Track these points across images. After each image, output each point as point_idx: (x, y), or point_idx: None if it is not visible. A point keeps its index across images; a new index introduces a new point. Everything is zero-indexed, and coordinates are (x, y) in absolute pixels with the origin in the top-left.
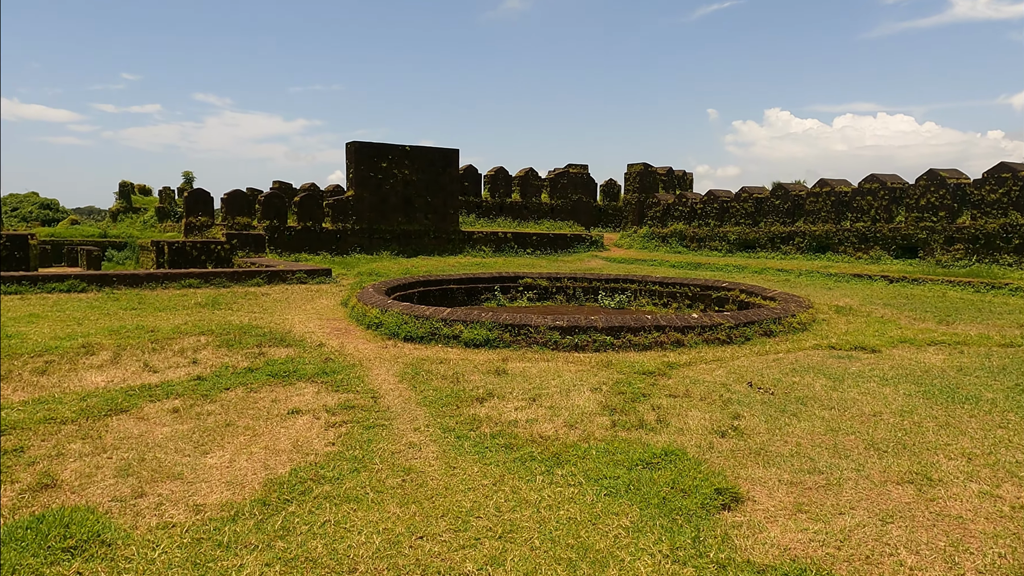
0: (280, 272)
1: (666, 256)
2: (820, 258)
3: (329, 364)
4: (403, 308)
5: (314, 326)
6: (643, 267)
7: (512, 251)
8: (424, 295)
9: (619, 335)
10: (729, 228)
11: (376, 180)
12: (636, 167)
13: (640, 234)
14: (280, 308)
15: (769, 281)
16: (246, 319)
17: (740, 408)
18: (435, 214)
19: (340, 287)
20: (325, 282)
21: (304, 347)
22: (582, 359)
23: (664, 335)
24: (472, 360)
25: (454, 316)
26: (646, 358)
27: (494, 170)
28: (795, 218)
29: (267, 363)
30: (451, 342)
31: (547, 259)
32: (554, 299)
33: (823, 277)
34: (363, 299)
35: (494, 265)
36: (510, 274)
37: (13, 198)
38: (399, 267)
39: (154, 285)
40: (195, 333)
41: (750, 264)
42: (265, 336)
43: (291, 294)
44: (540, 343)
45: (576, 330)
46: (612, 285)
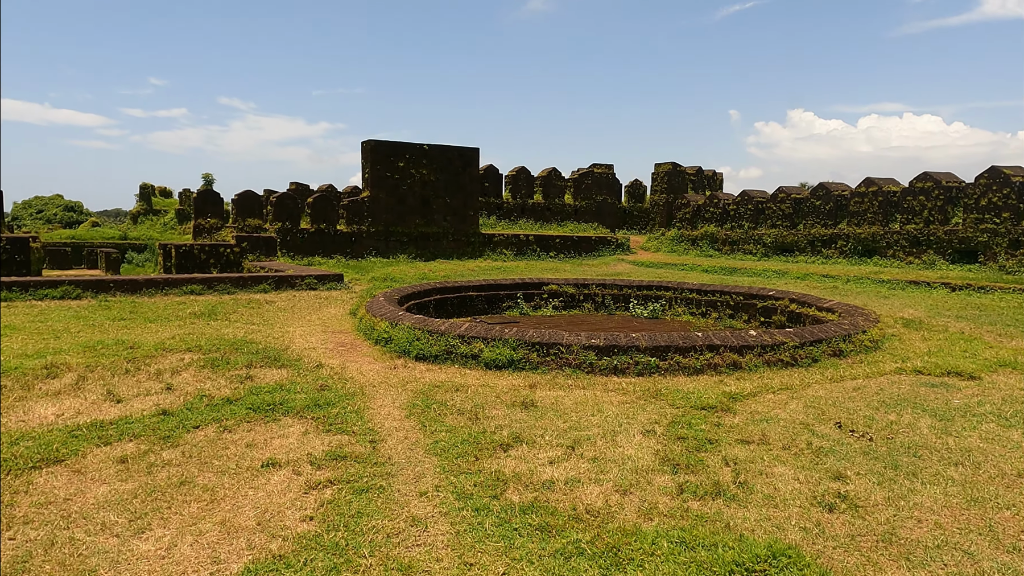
0: (288, 277)
1: (697, 260)
2: (867, 263)
3: (324, 393)
4: (415, 321)
5: (316, 340)
6: (674, 272)
7: (534, 254)
8: (441, 304)
9: (665, 356)
10: (764, 230)
11: (393, 180)
12: (664, 167)
13: (668, 236)
14: (283, 318)
15: (815, 288)
16: (241, 332)
17: (838, 463)
18: (454, 216)
19: (351, 294)
20: (336, 288)
21: (299, 368)
22: (624, 386)
23: (718, 356)
24: (494, 386)
25: (473, 332)
26: (700, 385)
27: (515, 170)
28: (837, 220)
29: (252, 391)
30: (469, 362)
31: (571, 263)
32: (581, 307)
33: (874, 284)
34: (372, 310)
35: (515, 269)
36: (533, 280)
37: (38, 200)
38: (416, 271)
39: (153, 292)
40: (180, 350)
41: (790, 269)
42: (258, 354)
43: (297, 302)
44: (573, 365)
45: (615, 350)
46: (644, 292)
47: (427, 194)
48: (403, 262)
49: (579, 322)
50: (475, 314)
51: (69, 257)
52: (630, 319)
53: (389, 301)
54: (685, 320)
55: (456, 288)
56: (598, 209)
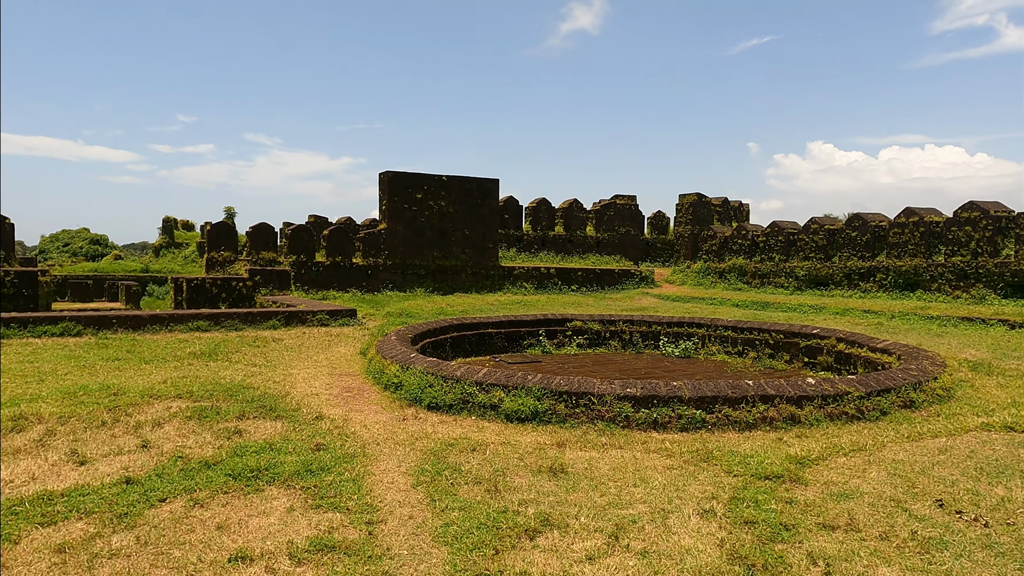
0: (300, 313)
1: (725, 294)
2: (909, 297)
3: (319, 455)
4: (428, 365)
5: (320, 385)
6: (702, 306)
7: (555, 288)
8: (458, 342)
9: (712, 408)
10: (797, 263)
11: (410, 212)
12: (689, 197)
13: (694, 269)
14: (288, 359)
15: (858, 325)
16: (240, 375)
17: (958, 562)
18: (473, 248)
19: (364, 330)
20: (349, 324)
21: (296, 421)
22: (668, 445)
23: (773, 408)
24: (516, 445)
25: (492, 379)
26: (757, 445)
27: (536, 201)
28: (875, 252)
29: (237, 450)
30: (488, 413)
31: (594, 297)
32: (607, 345)
33: (922, 320)
34: (383, 351)
35: (536, 304)
36: (556, 316)
37: (65, 234)
38: (433, 306)
39: (157, 328)
40: (168, 396)
41: (827, 303)
42: (253, 402)
43: (307, 340)
44: (606, 418)
45: (654, 401)
46: (676, 330)
47: (445, 226)
48: (420, 296)
49: (605, 361)
50: (495, 352)
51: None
52: (660, 358)
53: (402, 340)
54: (720, 360)
55: (474, 325)
56: (621, 241)
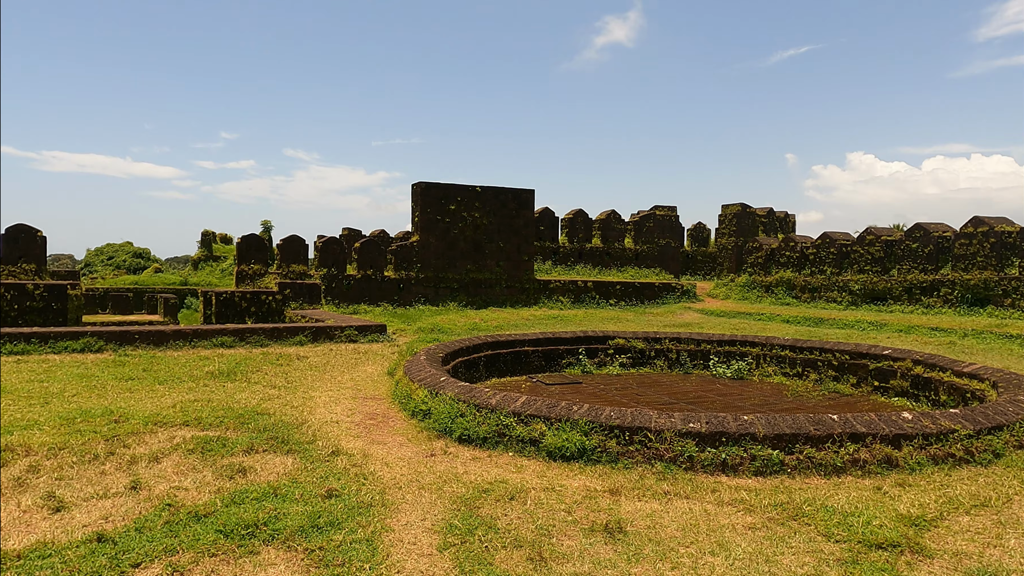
0: (327, 329)
1: (774, 309)
2: (979, 313)
3: (331, 503)
4: (460, 391)
5: (342, 411)
6: (749, 322)
7: (593, 302)
8: (492, 360)
9: (792, 448)
10: (851, 276)
11: (444, 224)
12: (732, 208)
13: (739, 283)
14: (310, 379)
15: (928, 344)
16: (256, 399)
17: None
18: (508, 261)
19: (394, 347)
20: (378, 340)
21: (309, 457)
22: (744, 495)
23: (864, 448)
24: (562, 492)
25: (532, 409)
26: (853, 496)
27: (572, 213)
28: (939, 264)
29: (236, 496)
30: (527, 449)
31: (633, 311)
32: (652, 365)
33: (1000, 339)
34: (410, 372)
35: (573, 319)
36: (597, 334)
37: (109, 247)
38: (466, 321)
39: (180, 344)
40: (175, 424)
41: (888, 320)
42: (265, 432)
43: (333, 357)
44: (666, 459)
45: (723, 438)
46: (727, 348)
47: (479, 238)
48: (453, 310)
49: (651, 383)
50: (531, 372)
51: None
52: (711, 380)
53: (432, 361)
54: (777, 382)
55: (510, 342)
56: (660, 253)
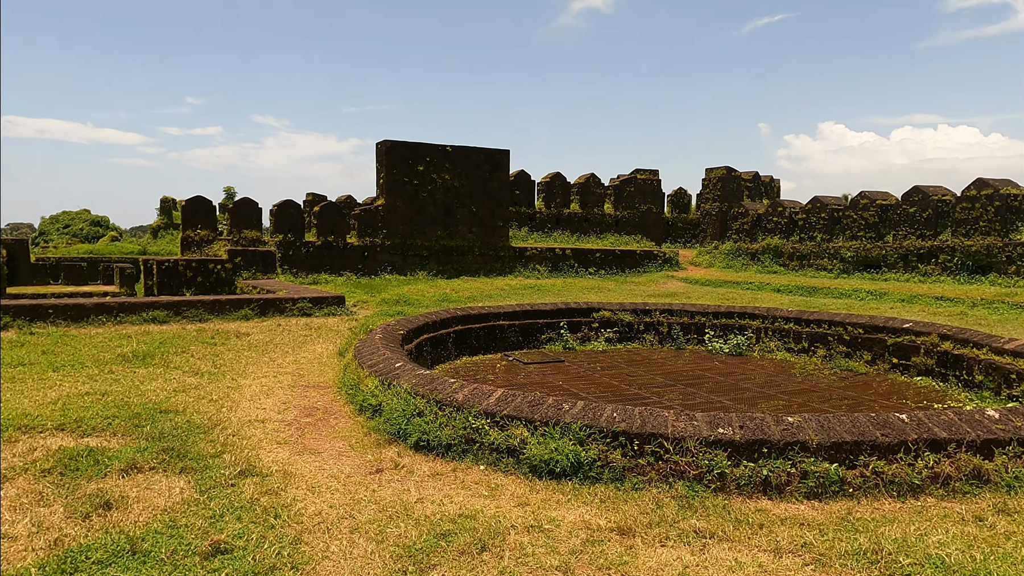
0: (277, 301)
1: (761, 277)
2: (981, 281)
3: (211, 566)
4: (419, 381)
5: (272, 405)
6: (737, 291)
7: (572, 271)
8: (463, 337)
9: (855, 460)
10: (842, 243)
11: (411, 187)
12: (717, 171)
13: (723, 250)
14: (245, 362)
15: (937, 315)
16: (168, 390)
17: None
18: (481, 227)
19: (353, 322)
20: (335, 313)
21: (208, 480)
22: (804, 533)
23: (947, 459)
24: (553, 535)
25: (510, 408)
26: (951, 533)
27: (549, 176)
28: (937, 230)
29: (70, 562)
30: (504, 462)
31: (614, 281)
32: (641, 339)
33: (1015, 309)
34: (361, 355)
35: (552, 289)
36: (580, 305)
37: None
38: (435, 291)
39: (103, 320)
40: (47, 428)
41: (887, 289)
42: (162, 439)
43: (279, 334)
44: (689, 476)
45: (763, 448)
46: (724, 321)
47: (450, 202)
48: (422, 280)
49: (642, 360)
50: (507, 348)
51: (85, 272)
52: (707, 356)
53: (388, 340)
54: (780, 358)
55: (482, 316)
56: (641, 220)
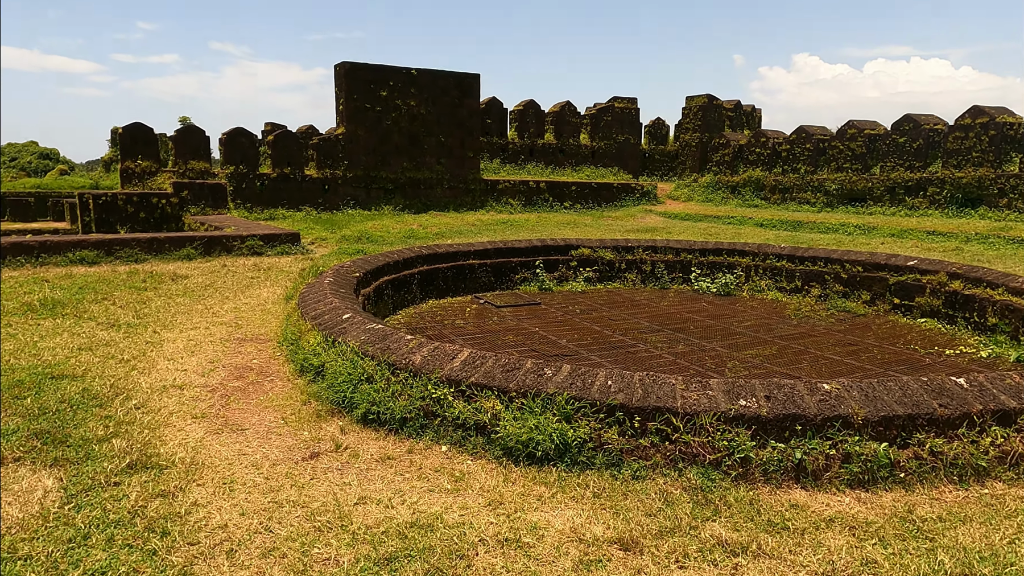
0: (224, 239)
1: (742, 211)
2: (971, 215)
3: None
4: (369, 338)
5: (196, 365)
6: (719, 226)
7: (546, 205)
8: (429, 278)
9: (908, 438)
10: (827, 175)
11: (374, 114)
12: (698, 100)
13: (702, 184)
14: (175, 310)
15: (932, 251)
16: (72, 347)
17: None
18: (450, 158)
19: (308, 261)
20: (289, 252)
21: (90, 472)
22: (862, 543)
23: (1018, 433)
24: (535, 552)
25: (478, 375)
26: None
27: (522, 104)
28: (927, 161)
29: None
30: (472, 441)
31: (591, 215)
32: (623, 278)
33: (1011, 244)
34: (306, 304)
35: (526, 224)
36: (557, 242)
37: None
38: (401, 227)
39: (21, 261)
40: None
41: (874, 223)
42: (42, 415)
43: (222, 276)
44: (704, 460)
45: (796, 425)
46: (712, 259)
47: (416, 131)
48: (387, 215)
49: (624, 301)
50: (478, 290)
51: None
52: (694, 296)
53: (340, 284)
54: (772, 298)
55: (450, 255)
56: (619, 151)
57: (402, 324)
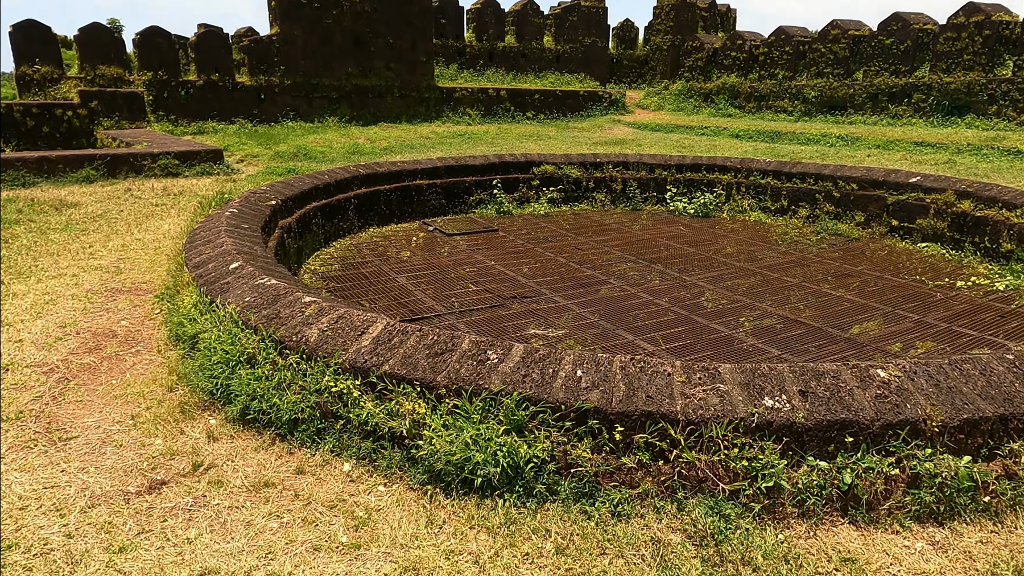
0: (132, 157)
1: (716, 121)
2: (958, 124)
3: None
4: (257, 298)
5: (39, 332)
6: (693, 137)
7: (507, 115)
8: (369, 202)
9: (995, 448)
10: (807, 81)
11: (312, 11)
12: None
13: (673, 91)
14: (36, 254)
15: (923, 163)
16: None
17: None
18: (400, 62)
19: (232, 183)
20: (211, 172)
21: None
22: None
23: None
24: None
25: (394, 360)
26: None
27: (480, 2)
28: (914, 65)
29: None
30: (386, 455)
31: (555, 127)
32: (591, 199)
33: (1007, 156)
34: (193, 245)
35: (485, 137)
36: (517, 158)
37: None
38: (346, 141)
39: None
40: None
41: (858, 134)
42: None
43: (117, 205)
44: (717, 489)
45: (843, 435)
46: (689, 176)
47: (361, 31)
48: (332, 128)
49: (593, 226)
50: (426, 215)
51: None
52: (670, 218)
53: (244, 216)
54: (755, 220)
55: (394, 174)
56: (584, 56)
57: (335, 260)
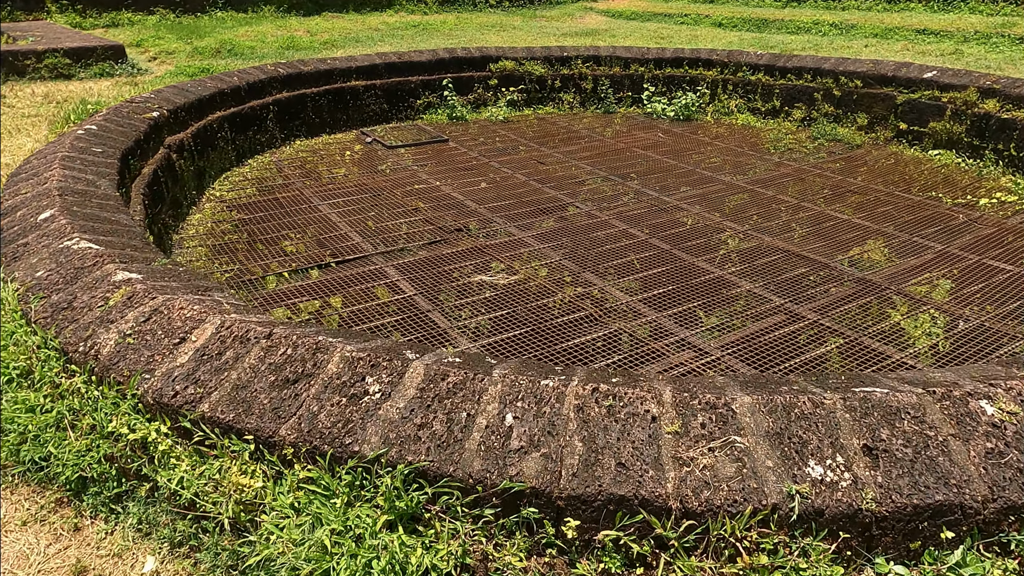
0: (12, 55)
1: (696, 8)
2: (958, 8)
3: None
4: (51, 273)
5: None
6: (671, 26)
7: (467, 3)
8: (294, 110)
9: None
10: None
11: None
12: None
13: None
14: None
15: (927, 54)
16: None
17: None
18: None
19: (132, 85)
20: (111, 73)
21: None
22: None
23: None
24: None
25: (220, 394)
26: None
27: None
28: None
29: None
30: (206, 554)
31: (520, 16)
32: (558, 101)
33: (1019, 44)
34: (15, 184)
35: (442, 28)
36: (471, 53)
37: None
38: (282, 34)
39: None
40: None
41: (852, 20)
42: None
43: None
44: None
45: (935, 525)
46: (670, 72)
47: None
48: (268, 18)
49: (558, 135)
50: (365, 123)
51: None
52: (647, 122)
53: (101, 137)
54: (743, 124)
55: (323, 74)
56: None
57: (250, 181)
